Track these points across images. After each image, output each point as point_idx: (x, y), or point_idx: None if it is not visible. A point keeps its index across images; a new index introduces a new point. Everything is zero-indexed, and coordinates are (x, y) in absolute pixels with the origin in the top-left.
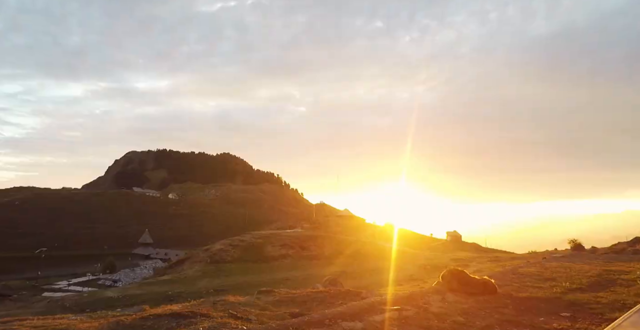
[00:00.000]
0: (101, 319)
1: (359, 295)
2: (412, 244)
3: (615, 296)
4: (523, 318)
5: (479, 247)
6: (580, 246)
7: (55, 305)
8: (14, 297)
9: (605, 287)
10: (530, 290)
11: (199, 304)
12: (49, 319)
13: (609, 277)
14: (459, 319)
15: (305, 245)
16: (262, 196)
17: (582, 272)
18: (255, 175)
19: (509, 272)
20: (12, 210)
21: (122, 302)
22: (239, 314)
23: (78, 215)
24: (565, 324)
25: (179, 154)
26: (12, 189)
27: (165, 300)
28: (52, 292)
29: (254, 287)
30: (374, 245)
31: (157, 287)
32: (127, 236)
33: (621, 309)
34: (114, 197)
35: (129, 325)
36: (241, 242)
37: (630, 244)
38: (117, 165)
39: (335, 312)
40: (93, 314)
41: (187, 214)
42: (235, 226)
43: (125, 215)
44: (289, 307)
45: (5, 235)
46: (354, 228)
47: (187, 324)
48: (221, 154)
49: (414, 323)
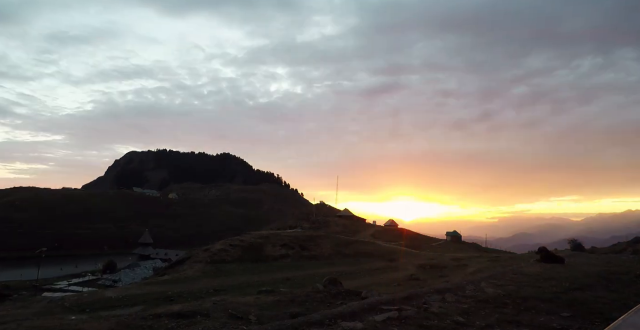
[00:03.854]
0: (101, 319)
1: (359, 295)
2: (413, 243)
3: (615, 296)
4: (523, 318)
5: (478, 247)
6: (580, 246)
7: (55, 305)
8: (13, 297)
9: (605, 287)
10: (530, 290)
11: (199, 304)
12: (48, 319)
13: (609, 277)
14: (459, 319)
15: (305, 245)
16: (262, 196)
17: (582, 272)
18: (255, 175)
19: (509, 272)
20: (12, 210)
21: (122, 302)
22: (239, 314)
23: (78, 215)
24: (565, 324)
25: (179, 154)
26: (12, 189)
27: (165, 300)
28: (52, 292)
29: (254, 287)
30: (374, 245)
31: (157, 287)
32: (127, 236)
33: (621, 309)
34: (114, 197)
35: (129, 325)
36: (241, 242)
37: (630, 244)
38: (117, 165)
39: (335, 312)
40: (93, 314)
41: (187, 214)
42: (235, 226)
43: (125, 215)
44: (289, 307)
45: (5, 235)
46: (354, 228)
47: (187, 324)
48: (221, 154)
49: (414, 323)
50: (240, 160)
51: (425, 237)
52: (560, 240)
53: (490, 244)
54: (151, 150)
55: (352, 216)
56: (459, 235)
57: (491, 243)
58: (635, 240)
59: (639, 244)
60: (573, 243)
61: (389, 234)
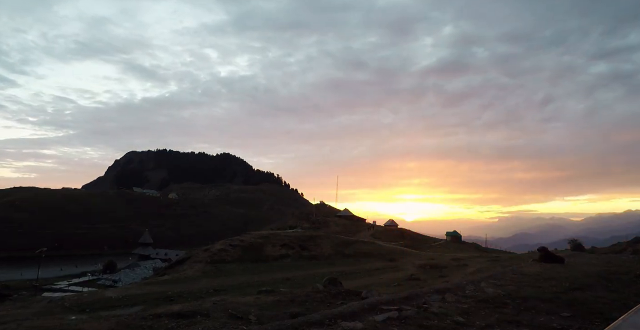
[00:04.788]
0: (101, 319)
1: (359, 295)
2: (413, 243)
3: (615, 296)
4: (523, 318)
5: (478, 247)
6: (580, 246)
7: (55, 305)
8: (13, 297)
9: (605, 287)
10: (530, 290)
11: (199, 304)
12: (48, 319)
13: (609, 277)
14: (459, 319)
15: (305, 245)
16: (262, 196)
17: (582, 272)
18: (255, 175)
19: (509, 272)
20: (12, 210)
21: (122, 302)
22: (239, 314)
23: (78, 215)
24: (565, 324)
25: (179, 154)
26: (12, 189)
27: (165, 300)
28: (52, 292)
29: (254, 287)
30: (374, 245)
31: (157, 287)
32: (127, 236)
33: (621, 309)
34: (114, 197)
35: (129, 325)
36: (241, 242)
37: (630, 244)
38: (117, 165)
39: (335, 312)
40: (93, 314)
41: (187, 214)
42: (235, 226)
43: (125, 215)
44: (289, 307)
45: (6, 235)
46: (354, 228)
47: (187, 324)
48: (221, 154)
49: (414, 323)
50: (240, 160)
51: (425, 237)
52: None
53: (490, 244)
54: (151, 150)
55: (352, 216)
56: (459, 235)
57: (491, 243)
58: (635, 240)
59: (639, 244)
60: (573, 243)
61: (389, 234)
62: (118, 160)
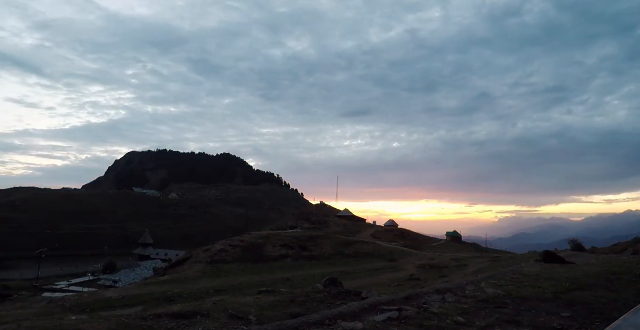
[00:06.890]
0: (101, 319)
1: (359, 295)
2: (413, 243)
3: (615, 296)
4: (523, 318)
5: (478, 247)
6: (580, 246)
7: (55, 305)
8: (13, 297)
9: (605, 287)
10: (530, 290)
11: (199, 304)
12: (48, 319)
13: (609, 277)
14: (459, 319)
15: (305, 245)
16: (262, 196)
17: (582, 272)
18: (255, 175)
19: (509, 272)
20: (13, 210)
21: (122, 302)
22: (239, 314)
23: (78, 215)
24: (565, 324)
25: (179, 154)
26: (12, 189)
27: (165, 301)
28: (52, 292)
29: (254, 287)
30: (374, 245)
31: (157, 287)
32: (127, 236)
33: (621, 309)
34: (114, 197)
35: (129, 325)
36: (241, 242)
37: (630, 244)
38: (117, 165)
39: (335, 312)
40: (93, 314)
41: (187, 214)
42: (235, 226)
43: (125, 215)
44: (289, 307)
45: (6, 234)
46: (354, 228)
47: (187, 324)
48: (221, 154)
49: (414, 323)
50: (240, 160)
51: (425, 237)
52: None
53: (490, 244)
54: (151, 150)
55: (352, 216)
56: (459, 235)
57: (491, 243)
58: (635, 240)
59: (639, 244)
60: (573, 243)
61: (389, 234)
62: (118, 160)
